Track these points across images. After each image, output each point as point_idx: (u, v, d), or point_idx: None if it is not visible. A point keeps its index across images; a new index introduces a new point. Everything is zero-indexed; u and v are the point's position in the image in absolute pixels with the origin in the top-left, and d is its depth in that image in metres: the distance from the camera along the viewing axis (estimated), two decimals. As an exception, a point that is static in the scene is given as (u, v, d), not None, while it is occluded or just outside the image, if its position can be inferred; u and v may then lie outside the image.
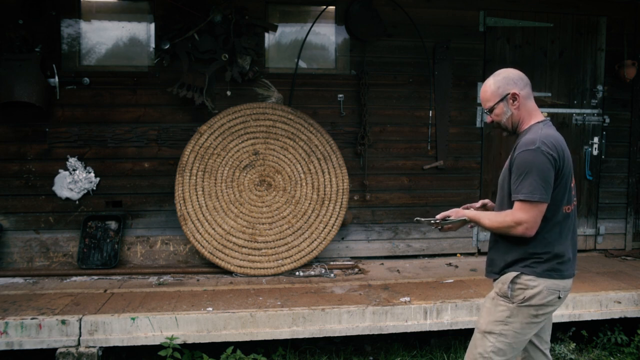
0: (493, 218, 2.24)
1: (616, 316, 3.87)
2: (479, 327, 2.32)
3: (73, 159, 4.47)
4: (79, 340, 3.27)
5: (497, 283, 2.31)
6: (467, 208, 2.53)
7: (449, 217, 2.41)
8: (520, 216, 2.13)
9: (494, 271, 2.35)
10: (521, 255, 2.22)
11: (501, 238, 2.30)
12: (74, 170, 4.47)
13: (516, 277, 2.22)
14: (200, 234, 4.31)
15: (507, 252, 2.27)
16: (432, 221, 2.42)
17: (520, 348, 2.29)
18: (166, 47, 4.40)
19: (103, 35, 4.58)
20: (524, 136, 2.24)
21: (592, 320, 3.93)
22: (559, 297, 2.23)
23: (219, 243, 4.33)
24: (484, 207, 2.56)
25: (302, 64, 4.81)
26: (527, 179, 2.11)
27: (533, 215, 2.12)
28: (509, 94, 2.26)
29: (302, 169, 4.52)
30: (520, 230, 2.14)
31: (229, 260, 4.32)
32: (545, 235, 2.19)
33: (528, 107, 2.29)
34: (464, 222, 2.41)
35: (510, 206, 2.22)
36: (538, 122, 2.28)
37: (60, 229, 4.51)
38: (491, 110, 2.32)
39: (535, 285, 2.19)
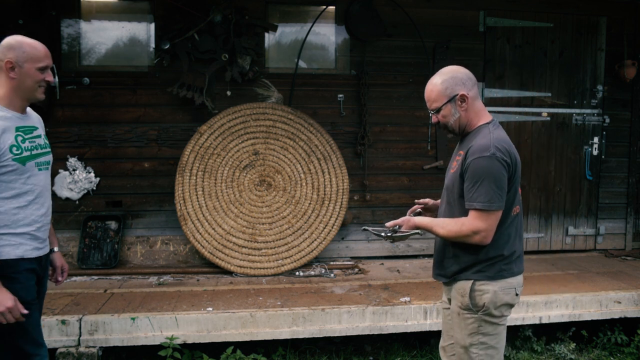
0: (448, 227, 2.17)
1: (616, 316, 3.87)
2: (458, 343, 2.29)
3: (73, 159, 4.47)
4: (79, 340, 3.27)
5: (455, 294, 2.27)
6: (420, 205, 2.49)
7: (399, 225, 2.30)
8: (479, 225, 2.08)
9: (444, 275, 2.31)
10: (473, 261, 2.19)
11: (448, 242, 2.25)
12: (74, 170, 4.46)
13: (472, 285, 2.19)
14: (200, 234, 4.31)
15: (458, 256, 2.22)
16: (383, 234, 2.33)
17: (503, 345, 2.29)
18: (166, 47, 4.40)
19: (103, 35, 4.58)
20: (474, 139, 2.16)
21: (592, 320, 3.93)
22: (516, 294, 2.23)
23: (219, 243, 4.33)
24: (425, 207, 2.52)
25: (302, 64, 4.81)
26: (483, 187, 2.05)
27: (490, 224, 2.09)
28: (457, 95, 2.16)
29: (302, 169, 4.52)
30: (477, 239, 2.10)
31: (229, 260, 4.32)
32: (496, 238, 2.15)
33: (476, 108, 2.21)
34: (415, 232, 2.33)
35: (462, 210, 2.17)
36: (487, 124, 2.20)
37: (60, 229, 4.51)
38: (438, 110, 2.20)
39: (491, 288, 2.17)
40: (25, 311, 2.14)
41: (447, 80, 2.17)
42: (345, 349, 3.84)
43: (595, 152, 5.20)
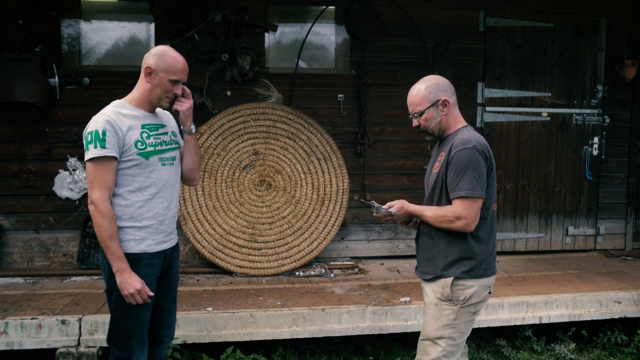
0: (435, 212, 2.30)
1: (616, 316, 3.87)
2: (427, 335, 2.37)
3: (73, 159, 4.47)
4: (79, 340, 3.27)
5: (436, 287, 2.35)
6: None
7: (392, 206, 2.43)
8: (462, 212, 2.21)
9: (432, 272, 2.36)
10: (459, 255, 2.29)
11: (438, 237, 2.34)
12: (74, 170, 4.47)
13: (455, 279, 2.29)
14: (200, 234, 4.31)
15: (446, 251, 2.32)
16: (382, 209, 2.42)
17: (462, 347, 2.40)
18: (166, 47, 4.40)
19: (103, 35, 4.58)
20: (455, 138, 2.32)
21: (592, 320, 3.93)
22: (490, 292, 2.37)
23: (219, 243, 4.33)
24: None
25: (302, 64, 4.81)
26: (466, 177, 2.20)
27: (473, 211, 2.22)
28: (440, 100, 2.33)
29: (302, 169, 4.52)
30: (460, 225, 2.22)
31: (229, 260, 4.32)
32: (480, 233, 2.30)
33: (454, 113, 2.39)
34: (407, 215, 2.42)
35: (448, 204, 2.29)
36: (464, 126, 2.38)
37: (60, 229, 4.51)
38: (421, 114, 2.35)
39: (473, 284, 2.30)
40: (151, 293, 2.26)
41: (430, 87, 2.34)
42: (345, 349, 3.84)
43: (595, 152, 5.20)
